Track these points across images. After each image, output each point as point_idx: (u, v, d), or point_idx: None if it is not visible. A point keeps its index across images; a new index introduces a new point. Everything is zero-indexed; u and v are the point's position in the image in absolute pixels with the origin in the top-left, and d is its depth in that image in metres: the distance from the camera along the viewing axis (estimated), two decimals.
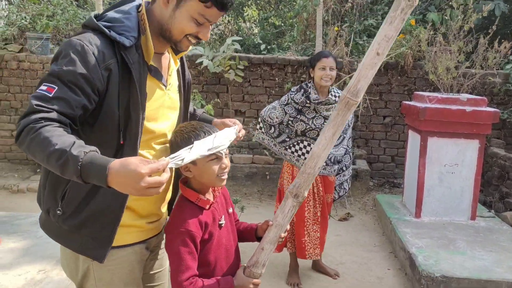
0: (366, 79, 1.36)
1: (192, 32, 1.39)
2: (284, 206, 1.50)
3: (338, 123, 1.40)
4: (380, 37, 1.32)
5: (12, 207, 4.68)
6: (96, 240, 1.39)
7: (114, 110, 1.33)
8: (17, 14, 6.26)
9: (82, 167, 1.10)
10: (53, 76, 1.25)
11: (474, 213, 4.06)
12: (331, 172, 3.19)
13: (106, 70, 1.30)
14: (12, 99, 5.87)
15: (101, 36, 1.32)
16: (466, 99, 3.97)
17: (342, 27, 6.15)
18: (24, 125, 1.19)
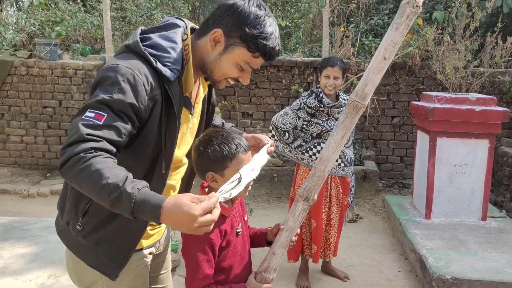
0: (373, 83, 1.39)
1: (233, 76, 1.41)
2: (295, 210, 1.50)
3: (347, 126, 1.43)
4: (386, 43, 1.36)
5: (23, 212, 4.72)
6: (111, 259, 1.40)
7: (153, 138, 1.34)
8: (26, 20, 6.33)
9: (135, 204, 1.10)
10: (102, 103, 1.21)
11: (485, 214, 4.02)
12: (349, 173, 3.18)
13: (152, 100, 1.29)
14: (22, 105, 5.93)
15: (148, 65, 1.29)
16: (475, 99, 3.93)
17: (348, 28, 6.13)
18: (72, 154, 1.16)
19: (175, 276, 3.23)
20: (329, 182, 3.13)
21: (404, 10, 1.33)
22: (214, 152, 1.41)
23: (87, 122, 1.19)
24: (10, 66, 5.82)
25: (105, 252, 1.40)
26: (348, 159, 3.16)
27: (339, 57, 3.17)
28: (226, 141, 1.42)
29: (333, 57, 3.12)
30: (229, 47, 1.35)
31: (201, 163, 1.45)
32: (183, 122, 1.44)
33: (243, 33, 1.32)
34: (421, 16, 6.25)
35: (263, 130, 5.78)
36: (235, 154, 1.42)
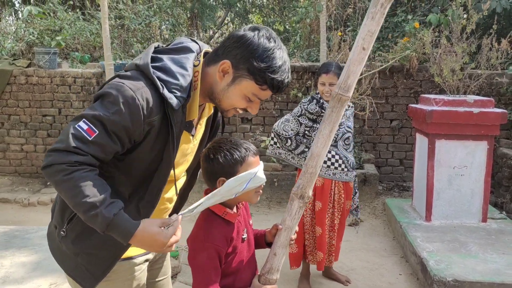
0: (355, 74, 1.40)
1: (242, 107, 1.41)
2: (291, 209, 1.51)
3: (333, 120, 1.44)
4: (364, 33, 1.37)
5: (23, 220, 4.72)
6: (89, 271, 1.40)
7: (145, 158, 1.34)
8: (25, 29, 6.36)
9: (109, 226, 1.22)
10: (97, 119, 1.23)
11: (485, 215, 4.02)
12: (352, 177, 3.18)
13: (148, 125, 1.29)
14: (22, 114, 5.94)
15: (153, 90, 1.28)
16: (473, 101, 3.94)
17: (346, 32, 6.16)
18: (56, 161, 1.21)
19: (176, 283, 3.23)
20: (333, 188, 3.13)
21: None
22: (225, 158, 1.42)
23: (77, 134, 1.22)
24: (10, 75, 5.84)
25: (84, 263, 1.39)
26: (351, 164, 3.17)
27: (336, 62, 3.17)
28: (235, 146, 1.45)
29: (328, 63, 3.11)
30: (237, 79, 1.34)
31: (212, 170, 1.45)
32: (182, 143, 1.43)
33: (250, 66, 1.31)
34: (417, 19, 6.28)
35: (262, 134, 5.80)
36: (245, 158, 1.44)
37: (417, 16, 6.58)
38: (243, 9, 10.03)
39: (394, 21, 6.79)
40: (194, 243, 1.46)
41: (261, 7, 10.21)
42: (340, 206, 3.17)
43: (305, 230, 3.19)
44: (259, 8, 10.36)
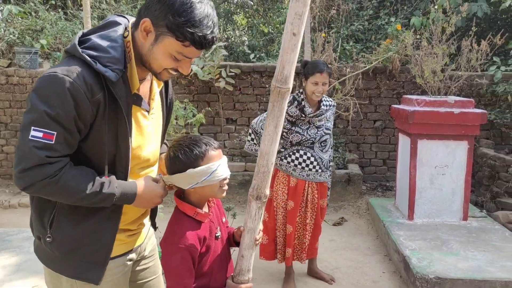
0: (290, 63, 1.31)
1: (171, 67, 1.35)
2: (250, 210, 1.48)
3: (276, 114, 1.37)
4: (291, 16, 1.27)
5: (4, 223, 4.63)
6: (91, 263, 1.39)
7: (102, 139, 1.32)
8: (5, 29, 6.24)
9: (116, 200, 1.34)
10: (45, 120, 1.20)
11: (466, 214, 4.10)
12: (326, 177, 3.20)
13: (94, 104, 1.27)
14: (2, 114, 5.83)
15: (87, 68, 1.25)
16: (453, 101, 4.02)
17: (330, 33, 6.21)
18: (35, 179, 1.22)
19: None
20: (306, 188, 3.15)
21: None
22: (185, 154, 1.43)
23: (39, 145, 1.20)
24: None
25: (83, 257, 1.38)
26: (325, 164, 3.19)
27: (324, 61, 3.17)
28: (194, 142, 1.46)
29: (319, 63, 3.06)
30: (159, 37, 1.29)
31: (174, 168, 1.46)
32: (138, 121, 1.43)
33: (168, 22, 1.25)
34: (400, 22, 6.38)
35: (246, 135, 5.80)
36: (205, 152, 1.44)
37: (399, 19, 6.68)
38: (227, 11, 10.03)
39: (377, 24, 6.88)
40: (166, 245, 1.46)
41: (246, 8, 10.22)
42: (314, 206, 3.19)
43: (277, 228, 3.22)
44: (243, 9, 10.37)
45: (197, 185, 1.44)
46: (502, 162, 4.78)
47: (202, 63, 5.60)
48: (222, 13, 9.82)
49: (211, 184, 1.45)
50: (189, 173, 1.42)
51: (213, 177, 1.44)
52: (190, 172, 1.42)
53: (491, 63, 5.62)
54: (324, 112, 3.13)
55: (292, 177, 3.14)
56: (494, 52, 4.83)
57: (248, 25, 9.97)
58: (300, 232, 3.22)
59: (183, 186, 1.46)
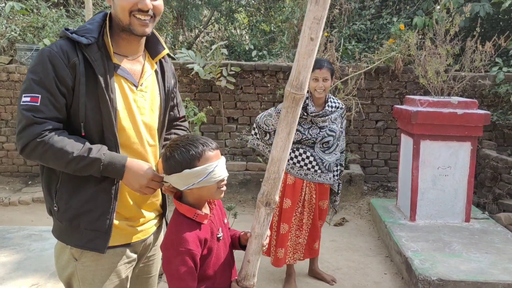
0: (306, 68, 1.28)
1: (130, 7, 1.44)
2: (259, 216, 1.47)
3: (290, 121, 1.34)
4: (310, 21, 1.22)
5: (4, 220, 4.61)
6: (94, 232, 1.47)
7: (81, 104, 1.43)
8: (6, 26, 6.21)
9: (103, 165, 1.40)
10: (31, 86, 1.38)
11: (468, 215, 4.08)
12: (326, 179, 3.16)
13: (71, 68, 1.41)
14: (2, 111, 5.81)
15: (66, 40, 1.45)
16: (457, 102, 4.00)
17: (332, 33, 6.19)
18: (28, 139, 1.37)
19: (161, 283, 3.19)
20: (304, 187, 3.11)
21: None
22: (181, 154, 1.41)
23: (27, 107, 1.37)
24: None
25: (86, 224, 1.47)
26: (327, 166, 3.13)
27: (326, 59, 3.15)
28: (191, 142, 1.43)
29: (319, 59, 3.07)
30: None
31: (170, 168, 1.43)
32: (123, 90, 1.50)
33: None
34: (403, 22, 6.36)
35: (248, 134, 5.78)
36: (202, 153, 1.42)
37: (402, 18, 6.65)
38: (229, 9, 10.00)
39: (379, 23, 6.86)
40: (167, 249, 1.43)
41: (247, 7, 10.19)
42: (311, 206, 3.16)
43: (274, 227, 3.18)
44: (244, 7, 10.34)
45: (194, 186, 1.41)
46: (504, 164, 4.77)
47: (203, 62, 5.58)
48: (223, 11, 9.80)
49: (208, 185, 1.43)
50: (185, 173, 1.40)
51: (210, 178, 1.41)
52: (186, 173, 1.40)
53: (493, 64, 5.60)
54: (328, 113, 3.09)
55: (290, 175, 3.10)
56: (497, 53, 4.81)
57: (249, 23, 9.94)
58: (295, 232, 3.17)
59: (180, 186, 1.44)
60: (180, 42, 8.33)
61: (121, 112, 1.48)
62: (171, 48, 7.09)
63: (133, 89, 1.54)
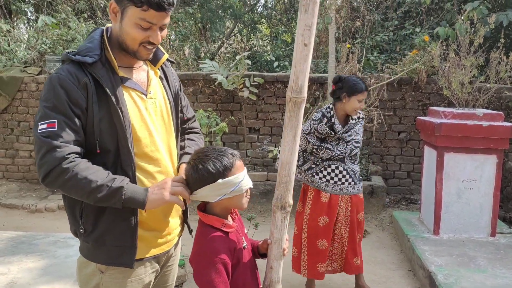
0: (303, 73, 1.35)
1: (142, 39, 1.46)
2: (275, 221, 1.49)
3: (294, 124, 1.41)
4: (301, 28, 1.32)
5: (30, 226, 4.74)
6: (121, 247, 1.48)
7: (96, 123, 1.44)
8: (37, 38, 6.44)
9: (125, 196, 1.39)
10: (46, 113, 1.39)
11: (494, 230, 3.98)
12: (359, 189, 3.16)
13: (83, 89, 1.42)
14: (31, 120, 6.00)
15: (71, 64, 1.46)
16: (482, 114, 3.93)
17: (354, 44, 6.18)
18: (51, 165, 1.36)
19: None
20: (339, 202, 3.10)
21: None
22: (214, 165, 1.43)
23: (44, 133, 1.37)
24: (21, 82, 5.91)
25: (112, 241, 1.48)
26: (357, 175, 3.16)
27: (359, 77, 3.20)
28: (221, 153, 1.46)
29: (359, 80, 3.08)
30: (123, 11, 1.44)
31: (201, 179, 1.45)
32: (133, 101, 1.51)
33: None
34: (426, 32, 6.30)
35: (269, 144, 5.80)
36: (233, 163, 1.45)
37: (425, 29, 6.60)
38: (251, 20, 10.11)
39: (402, 34, 6.82)
40: (198, 261, 1.45)
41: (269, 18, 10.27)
42: (347, 219, 3.14)
43: (305, 243, 3.14)
44: (266, 18, 10.43)
45: (225, 196, 1.44)
46: None
47: (226, 72, 5.65)
48: (246, 23, 9.91)
49: (238, 195, 1.45)
50: (219, 184, 1.42)
51: (241, 187, 1.45)
52: (220, 183, 1.42)
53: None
54: (352, 126, 3.12)
55: (325, 192, 3.09)
56: None
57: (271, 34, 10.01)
58: (337, 247, 3.15)
59: (211, 199, 1.46)
60: (204, 53, 8.46)
61: (135, 123, 1.49)
62: (194, 59, 7.20)
63: (143, 97, 1.56)
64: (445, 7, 6.72)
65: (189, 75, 5.84)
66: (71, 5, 7.67)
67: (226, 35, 10.35)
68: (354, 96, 3.00)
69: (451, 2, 6.68)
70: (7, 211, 5.23)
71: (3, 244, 3.60)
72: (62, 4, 7.46)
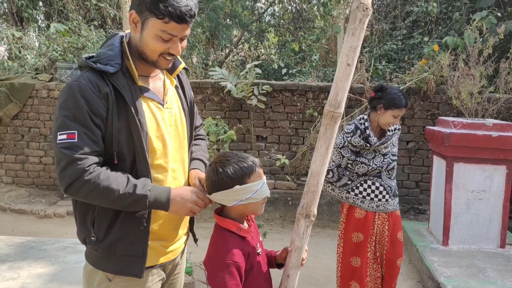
0: (343, 90, 1.43)
1: (162, 50, 1.45)
2: (298, 229, 1.52)
3: (328, 137, 1.46)
4: (347, 49, 1.40)
5: (39, 232, 4.77)
6: (131, 257, 1.48)
7: (114, 133, 1.43)
8: (48, 45, 6.52)
9: (150, 201, 1.40)
10: (65, 123, 1.37)
11: (503, 241, 3.95)
12: (396, 206, 2.95)
13: (104, 99, 1.41)
14: (42, 127, 6.06)
15: (91, 72, 1.44)
16: (491, 124, 3.92)
17: (362, 53, 6.20)
18: (72, 178, 1.35)
19: None
20: (375, 220, 2.88)
21: (355, 15, 1.38)
22: (234, 170, 1.45)
23: (65, 145, 1.35)
24: (32, 89, 5.98)
25: (122, 250, 1.47)
26: (394, 191, 2.94)
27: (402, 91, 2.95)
28: (242, 159, 1.49)
29: (402, 95, 2.84)
30: (144, 22, 1.43)
31: (220, 182, 1.47)
32: (151, 111, 1.51)
33: (146, 4, 1.39)
34: (435, 42, 6.31)
35: (277, 152, 5.81)
36: (253, 170, 1.47)
37: (433, 39, 6.60)
38: (259, 29, 10.17)
39: (410, 43, 6.83)
40: (212, 263, 1.46)
41: (277, 27, 10.34)
42: (383, 239, 2.90)
43: (339, 260, 3.00)
44: (274, 27, 10.50)
45: (241, 202, 1.46)
46: None
47: (235, 80, 5.68)
48: (254, 31, 9.97)
49: (254, 202, 1.47)
50: (236, 189, 1.44)
51: (258, 195, 1.46)
52: (237, 189, 1.44)
53: None
54: (390, 137, 2.90)
55: (361, 209, 2.88)
56: None
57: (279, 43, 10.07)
58: (373, 265, 2.94)
59: (227, 203, 1.48)
60: (211, 61, 8.52)
61: (151, 134, 1.49)
62: (202, 67, 7.26)
63: (160, 107, 1.55)
64: (454, 17, 6.73)
65: (198, 83, 5.89)
66: (82, 14, 7.78)
67: (234, 43, 10.42)
68: (390, 110, 2.78)
69: (460, 12, 6.70)
70: (16, 216, 5.27)
71: (13, 249, 3.63)
72: (73, 12, 7.56)
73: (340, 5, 5.61)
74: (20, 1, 7.74)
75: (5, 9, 8.80)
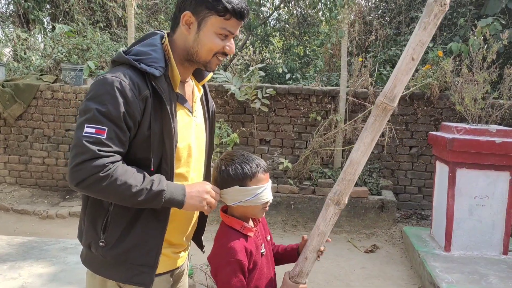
0: (401, 84, 1.36)
1: (219, 49, 1.44)
2: (326, 214, 1.49)
3: (376, 129, 1.41)
4: (415, 43, 1.32)
5: (42, 232, 4.78)
6: (142, 266, 1.42)
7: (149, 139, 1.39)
8: (53, 46, 6.56)
9: (166, 197, 1.34)
10: (98, 116, 1.29)
11: (506, 248, 3.92)
12: None
13: (142, 102, 1.36)
14: (46, 128, 6.09)
15: (132, 70, 1.37)
16: (495, 130, 3.90)
17: (367, 58, 6.20)
18: (89, 173, 1.26)
19: None
20: None
21: (431, 8, 1.29)
22: (235, 171, 1.46)
23: (91, 139, 1.28)
24: (36, 89, 6.01)
25: (134, 259, 1.41)
26: None
27: None
28: (247, 160, 1.48)
29: None
30: (202, 21, 1.41)
31: (222, 180, 1.48)
32: (183, 119, 1.48)
33: (207, 2, 1.38)
34: (439, 47, 6.30)
35: (280, 156, 5.81)
36: (255, 173, 1.47)
37: (438, 44, 6.59)
38: (264, 33, 10.19)
39: None
40: (215, 259, 1.47)
41: (282, 31, 10.36)
42: None
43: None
44: (279, 31, 10.51)
45: (240, 203, 1.46)
46: None
47: (239, 83, 5.69)
48: (259, 35, 9.99)
49: (253, 205, 1.47)
50: (235, 190, 1.45)
51: (257, 199, 1.46)
52: (236, 189, 1.45)
53: None
54: None
55: None
56: None
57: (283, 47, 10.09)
58: None
59: (227, 201, 1.50)
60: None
61: (180, 143, 1.45)
62: None
63: (190, 115, 1.52)
64: (459, 23, 6.72)
65: None
66: (87, 16, 7.83)
67: (239, 47, 10.45)
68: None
69: (465, 18, 6.68)
70: (19, 216, 5.29)
71: (14, 249, 3.64)
72: (79, 14, 7.62)
73: (344, 10, 5.61)
74: (26, 2, 7.81)
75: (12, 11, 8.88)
